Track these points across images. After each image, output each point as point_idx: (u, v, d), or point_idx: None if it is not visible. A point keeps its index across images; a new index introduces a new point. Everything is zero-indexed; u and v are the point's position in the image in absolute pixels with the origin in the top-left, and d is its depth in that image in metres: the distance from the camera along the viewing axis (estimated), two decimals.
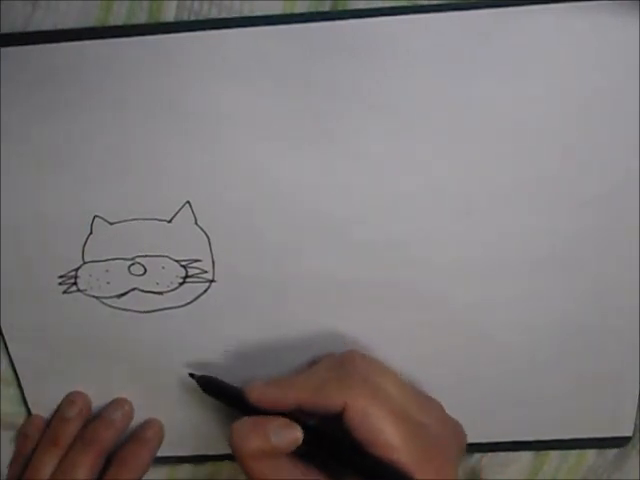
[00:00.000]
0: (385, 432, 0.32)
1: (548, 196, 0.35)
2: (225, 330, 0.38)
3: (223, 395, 0.37)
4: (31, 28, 0.33)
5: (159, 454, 0.42)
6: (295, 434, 0.33)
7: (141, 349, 0.39)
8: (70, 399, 0.41)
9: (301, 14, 0.32)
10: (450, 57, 0.32)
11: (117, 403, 0.41)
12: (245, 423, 0.33)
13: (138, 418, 0.41)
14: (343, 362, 0.35)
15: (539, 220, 0.35)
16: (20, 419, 0.42)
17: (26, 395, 0.41)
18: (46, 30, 0.32)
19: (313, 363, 0.39)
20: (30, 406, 0.41)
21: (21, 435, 0.41)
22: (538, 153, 0.34)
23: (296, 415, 0.34)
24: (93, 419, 0.40)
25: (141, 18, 0.33)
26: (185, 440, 0.42)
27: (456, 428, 0.37)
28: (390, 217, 0.35)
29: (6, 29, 0.33)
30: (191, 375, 0.38)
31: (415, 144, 0.34)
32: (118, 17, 0.33)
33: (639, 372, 0.39)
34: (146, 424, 0.42)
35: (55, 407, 0.41)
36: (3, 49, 0.32)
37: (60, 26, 0.33)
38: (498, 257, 0.36)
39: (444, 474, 0.33)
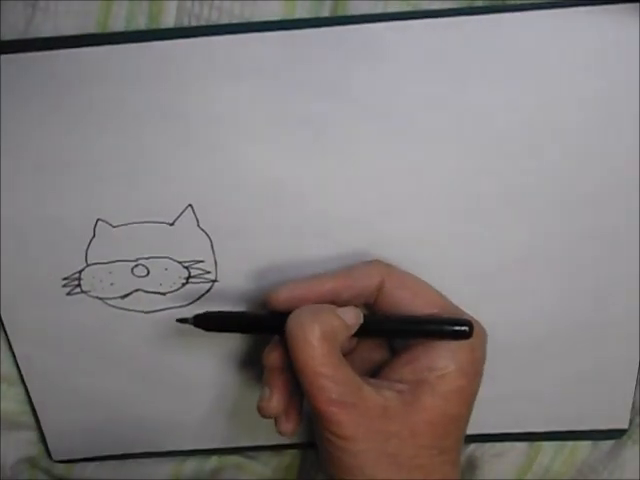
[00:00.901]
0: (427, 292, 0.34)
1: (548, 196, 0.35)
2: None
3: (230, 323, 0.35)
4: (31, 30, 0.33)
5: (164, 449, 0.43)
6: (357, 312, 0.32)
7: (144, 348, 0.39)
8: None
9: (300, 20, 0.32)
10: (450, 61, 0.32)
11: None
12: (309, 307, 0.31)
13: (141, 415, 0.42)
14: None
15: (539, 220, 0.36)
16: (24, 418, 0.42)
17: (31, 395, 0.41)
18: (46, 37, 0.32)
19: None
20: (35, 406, 0.41)
21: None
22: (538, 153, 0.34)
23: None
24: None
25: (141, 21, 0.33)
26: (189, 434, 0.43)
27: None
28: (390, 217, 0.36)
29: (6, 31, 0.33)
30: (181, 320, 0.35)
31: (413, 147, 0.34)
32: (118, 19, 0.33)
33: (635, 364, 0.40)
34: None
35: (59, 407, 0.41)
36: (4, 56, 0.32)
37: (60, 28, 0.33)
38: (497, 256, 0.37)
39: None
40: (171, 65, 0.32)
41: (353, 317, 0.32)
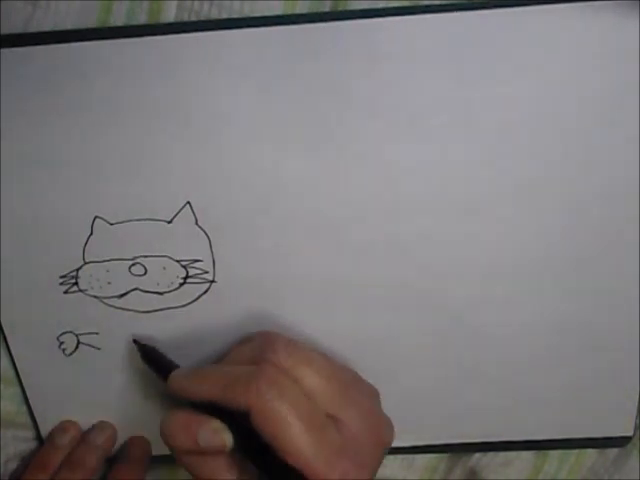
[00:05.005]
0: (287, 438, 0.30)
1: (548, 196, 0.35)
2: (225, 330, 0.38)
3: (159, 370, 0.36)
4: (31, 28, 0.33)
5: (160, 452, 0.42)
6: (223, 441, 0.31)
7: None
8: (62, 427, 0.41)
9: (301, 15, 0.32)
10: (450, 58, 0.32)
11: (100, 428, 0.41)
12: (176, 419, 0.33)
13: (137, 415, 0.42)
14: (263, 350, 0.33)
15: (539, 220, 0.35)
16: (21, 418, 0.42)
17: (28, 395, 0.41)
18: (46, 31, 0.32)
19: (247, 340, 0.37)
20: (32, 405, 0.41)
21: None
22: (538, 153, 0.34)
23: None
24: (79, 443, 0.41)
25: (141, 18, 0.33)
26: None
27: (380, 423, 0.35)
28: (390, 217, 0.35)
29: (6, 29, 0.33)
30: (134, 341, 0.38)
31: (415, 144, 0.34)
32: (118, 17, 0.33)
33: (639, 371, 0.39)
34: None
35: (56, 407, 0.41)
36: (3, 50, 0.32)
37: (60, 26, 0.33)
38: (498, 257, 0.36)
39: (353, 475, 0.31)
40: (171, 60, 0.32)
41: (214, 445, 0.32)
